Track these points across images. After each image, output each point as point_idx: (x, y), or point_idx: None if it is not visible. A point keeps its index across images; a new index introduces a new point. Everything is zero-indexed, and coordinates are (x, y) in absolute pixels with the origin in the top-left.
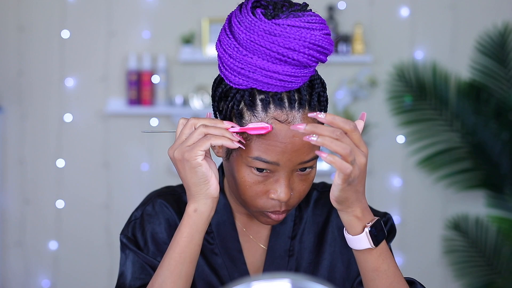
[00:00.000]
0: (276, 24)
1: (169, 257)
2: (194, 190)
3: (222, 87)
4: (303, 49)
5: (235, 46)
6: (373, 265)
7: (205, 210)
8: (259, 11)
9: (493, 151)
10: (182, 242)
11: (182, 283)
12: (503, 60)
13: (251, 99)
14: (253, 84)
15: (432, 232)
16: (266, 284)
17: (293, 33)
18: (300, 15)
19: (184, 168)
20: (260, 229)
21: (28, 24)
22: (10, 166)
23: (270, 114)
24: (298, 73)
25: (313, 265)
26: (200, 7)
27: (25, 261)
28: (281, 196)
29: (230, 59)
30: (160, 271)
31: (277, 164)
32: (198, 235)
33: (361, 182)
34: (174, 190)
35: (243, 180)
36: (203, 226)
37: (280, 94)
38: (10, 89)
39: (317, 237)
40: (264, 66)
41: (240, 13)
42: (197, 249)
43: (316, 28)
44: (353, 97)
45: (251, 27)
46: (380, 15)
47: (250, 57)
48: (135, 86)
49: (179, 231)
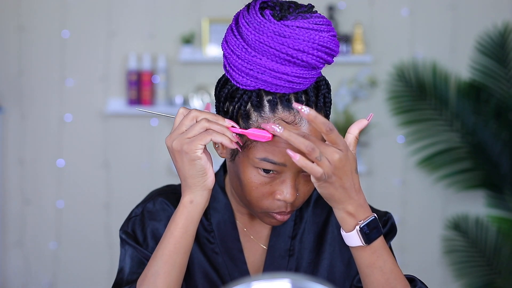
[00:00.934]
0: (285, 26)
1: (163, 247)
2: (191, 181)
3: (228, 88)
4: (311, 50)
5: (243, 47)
6: (368, 261)
7: (201, 201)
8: (267, 12)
9: (493, 151)
10: (177, 232)
11: (175, 273)
12: (503, 60)
13: (258, 100)
14: (261, 85)
15: (432, 232)
16: (266, 284)
17: (302, 34)
18: (308, 17)
19: (182, 159)
20: (260, 229)
21: (28, 24)
22: (10, 166)
23: (278, 115)
24: (306, 74)
25: (313, 264)
26: (200, 7)
27: (25, 261)
28: (287, 197)
29: (238, 60)
30: (153, 261)
31: (284, 165)
32: (192, 226)
33: (343, 178)
34: (175, 189)
35: (249, 181)
36: (198, 217)
37: (287, 95)
38: (10, 89)
39: (317, 236)
40: (273, 67)
41: (248, 13)
42: (191, 240)
43: (324, 30)
44: (353, 97)
45: (260, 28)
46: (380, 15)
47: (259, 58)
48: (135, 86)
49: (174, 221)
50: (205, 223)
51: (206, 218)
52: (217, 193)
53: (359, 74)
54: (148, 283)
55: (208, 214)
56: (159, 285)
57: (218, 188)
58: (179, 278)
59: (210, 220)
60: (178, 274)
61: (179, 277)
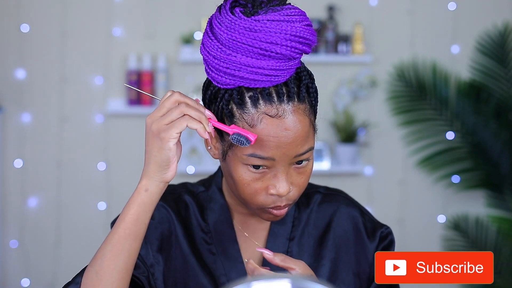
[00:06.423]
0: (256, 21)
1: (113, 231)
2: (153, 168)
3: (211, 90)
4: (285, 41)
5: (218, 47)
6: None
7: (155, 191)
8: (237, 9)
9: (493, 151)
10: (128, 219)
11: (122, 258)
12: (503, 60)
13: (239, 97)
14: (240, 82)
15: (432, 232)
16: (266, 284)
17: (273, 27)
18: (278, 9)
19: (153, 143)
20: (258, 230)
21: (28, 24)
22: (10, 166)
23: (261, 109)
24: (282, 66)
25: (312, 269)
26: (200, 7)
27: (25, 261)
28: (281, 191)
29: (214, 60)
30: (103, 243)
31: (273, 159)
32: (145, 214)
33: None
34: (174, 189)
35: (241, 179)
36: (151, 206)
37: (268, 89)
38: (10, 89)
39: (317, 240)
40: (248, 63)
41: (220, 14)
42: (143, 227)
43: (296, 20)
44: (353, 97)
45: (231, 26)
46: (380, 15)
47: (234, 56)
48: (135, 86)
49: (127, 206)
50: (202, 224)
51: (203, 219)
52: (214, 194)
53: (359, 74)
54: (95, 264)
55: (205, 215)
56: (104, 267)
57: (216, 189)
58: (127, 264)
59: (207, 221)
60: (125, 260)
61: (127, 263)
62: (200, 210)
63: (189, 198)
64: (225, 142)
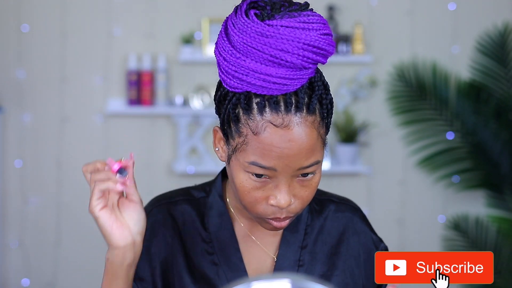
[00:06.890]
0: (268, 25)
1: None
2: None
3: (221, 91)
4: (296, 50)
5: (229, 49)
6: None
7: (114, 260)
8: (252, 12)
9: (493, 151)
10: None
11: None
12: (503, 60)
13: (246, 103)
14: (248, 87)
15: (432, 232)
16: (266, 284)
17: (286, 34)
18: (296, 15)
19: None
20: (269, 235)
21: (28, 24)
22: (10, 166)
23: (266, 118)
24: (293, 75)
25: (325, 278)
26: (200, 7)
27: (25, 261)
28: (281, 203)
29: (224, 62)
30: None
31: (274, 170)
32: (116, 281)
33: None
34: (169, 198)
35: (241, 186)
36: (121, 273)
37: (276, 97)
38: (10, 89)
39: (331, 249)
40: (256, 68)
41: (235, 15)
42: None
43: (312, 28)
44: (353, 97)
45: (244, 29)
46: (380, 15)
47: (243, 60)
48: (135, 86)
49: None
50: (203, 234)
51: (204, 228)
52: (214, 201)
53: (359, 74)
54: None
55: (205, 223)
56: None
57: (216, 195)
58: None
59: (209, 229)
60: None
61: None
62: (201, 218)
63: (187, 207)
64: (230, 146)
